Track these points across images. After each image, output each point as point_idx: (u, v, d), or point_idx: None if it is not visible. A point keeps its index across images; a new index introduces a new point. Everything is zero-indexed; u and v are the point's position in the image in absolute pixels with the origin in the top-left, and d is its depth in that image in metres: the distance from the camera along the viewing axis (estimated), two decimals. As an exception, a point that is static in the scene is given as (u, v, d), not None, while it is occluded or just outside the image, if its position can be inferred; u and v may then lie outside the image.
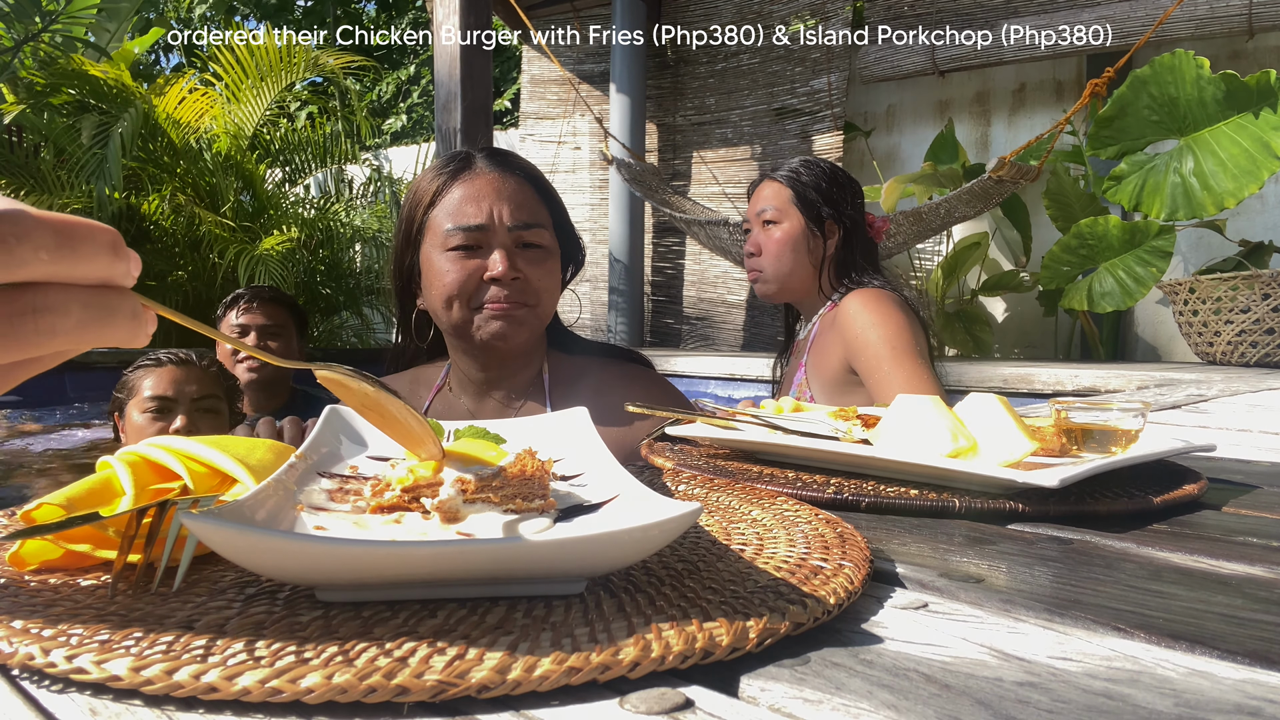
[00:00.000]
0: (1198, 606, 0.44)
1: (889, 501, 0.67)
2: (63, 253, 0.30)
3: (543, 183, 1.24)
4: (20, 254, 0.29)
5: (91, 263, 0.31)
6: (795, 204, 1.76)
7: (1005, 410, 0.73)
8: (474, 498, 0.49)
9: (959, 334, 4.48)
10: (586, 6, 5.53)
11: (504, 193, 1.16)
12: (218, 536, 0.37)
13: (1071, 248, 3.67)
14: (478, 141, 4.22)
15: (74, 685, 0.34)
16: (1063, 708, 0.33)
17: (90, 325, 0.31)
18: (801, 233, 1.75)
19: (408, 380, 1.31)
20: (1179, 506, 0.69)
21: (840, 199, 1.79)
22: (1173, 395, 1.94)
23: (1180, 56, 3.26)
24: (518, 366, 1.24)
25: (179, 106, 4.92)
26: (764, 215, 1.78)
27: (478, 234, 1.14)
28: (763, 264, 1.78)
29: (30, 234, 0.29)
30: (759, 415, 0.90)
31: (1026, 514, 0.65)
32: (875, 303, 1.62)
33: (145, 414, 1.87)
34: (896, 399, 0.80)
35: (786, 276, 1.76)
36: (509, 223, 1.15)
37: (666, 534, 0.40)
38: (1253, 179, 3.11)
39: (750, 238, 1.82)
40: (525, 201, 1.18)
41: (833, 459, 0.78)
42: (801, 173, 1.79)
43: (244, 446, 0.57)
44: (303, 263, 5.14)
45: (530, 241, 1.16)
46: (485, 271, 1.14)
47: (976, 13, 4.54)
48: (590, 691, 0.34)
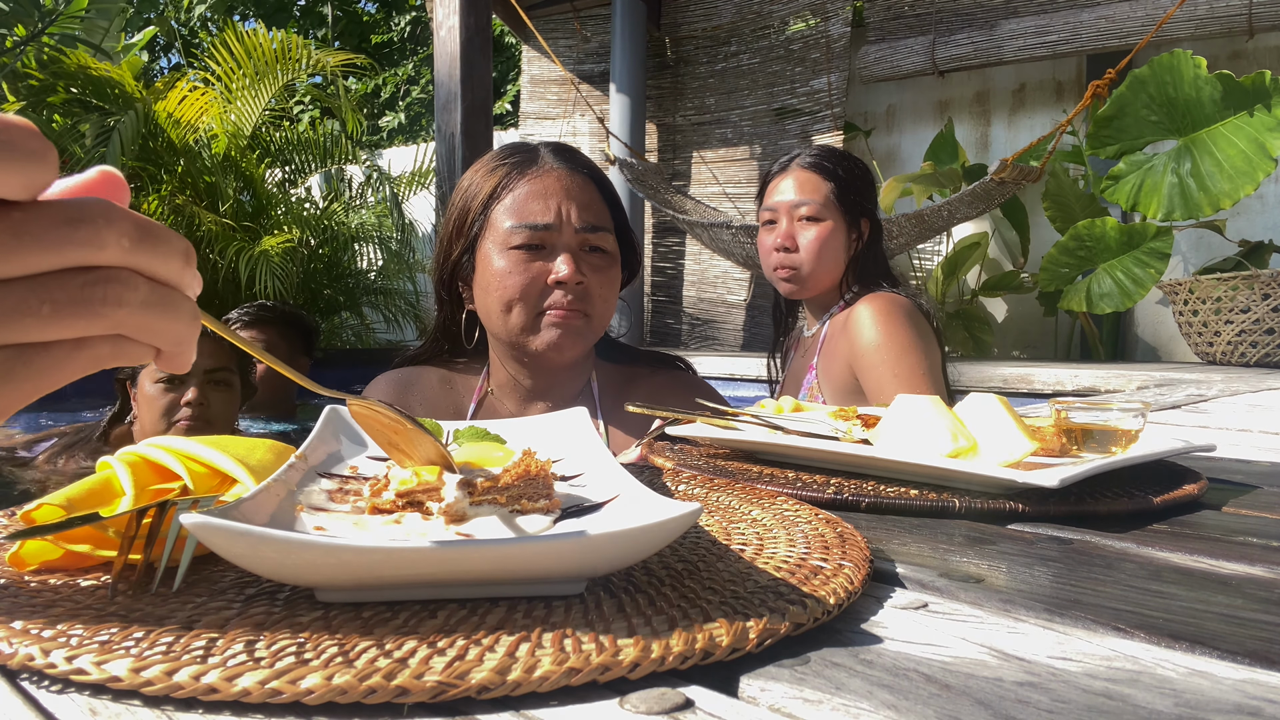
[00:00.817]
0: (1198, 606, 0.44)
1: (889, 501, 0.67)
2: (143, 245, 0.32)
3: (607, 184, 1.18)
4: (106, 236, 0.31)
5: (166, 263, 0.33)
6: (835, 199, 1.67)
7: (1005, 410, 0.73)
8: (480, 500, 0.49)
9: (959, 334, 4.48)
10: (586, 6, 5.53)
11: (572, 191, 1.10)
12: (218, 537, 0.36)
13: (1070, 249, 3.67)
14: (478, 142, 4.22)
15: (74, 685, 0.34)
16: (1063, 708, 0.33)
17: (154, 308, 0.32)
18: (843, 231, 1.67)
19: (436, 379, 1.24)
20: (1179, 506, 0.69)
21: (871, 196, 1.72)
22: (1173, 395, 1.94)
23: (1179, 56, 3.26)
24: (568, 376, 1.19)
25: (179, 106, 4.92)
26: (802, 210, 1.66)
27: (544, 234, 1.08)
28: (800, 261, 1.67)
29: (117, 222, 0.31)
30: (759, 415, 0.89)
31: (1027, 514, 0.65)
32: (888, 311, 1.55)
33: (157, 384, 1.86)
34: (896, 399, 0.80)
35: (822, 276, 1.68)
36: (577, 224, 1.08)
37: (666, 534, 0.40)
38: (1248, 180, 3.12)
39: (781, 230, 1.69)
40: (592, 202, 1.11)
41: (833, 459, 0.78)
42: (838, 166, 1.70)
43: (244, 446, 0.57)
44: (303, 262, 5.14)
45: (596, 245, 1.10)
46: (549, 275, 1.07)
47: (976, 13, 4.54)
48: (590, 692, 0.34)
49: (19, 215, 0.29)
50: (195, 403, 1.85)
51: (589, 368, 1.23)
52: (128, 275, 0.32)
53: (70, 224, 0.30)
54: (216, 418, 1.90)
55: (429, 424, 0.66)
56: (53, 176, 0.30)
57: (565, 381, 1.20)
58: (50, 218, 0.30)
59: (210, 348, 1.91)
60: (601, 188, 1.15)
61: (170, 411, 1.86)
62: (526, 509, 0.49)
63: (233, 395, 1.96)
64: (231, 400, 1.96)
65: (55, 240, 0.30)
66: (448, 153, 4.24)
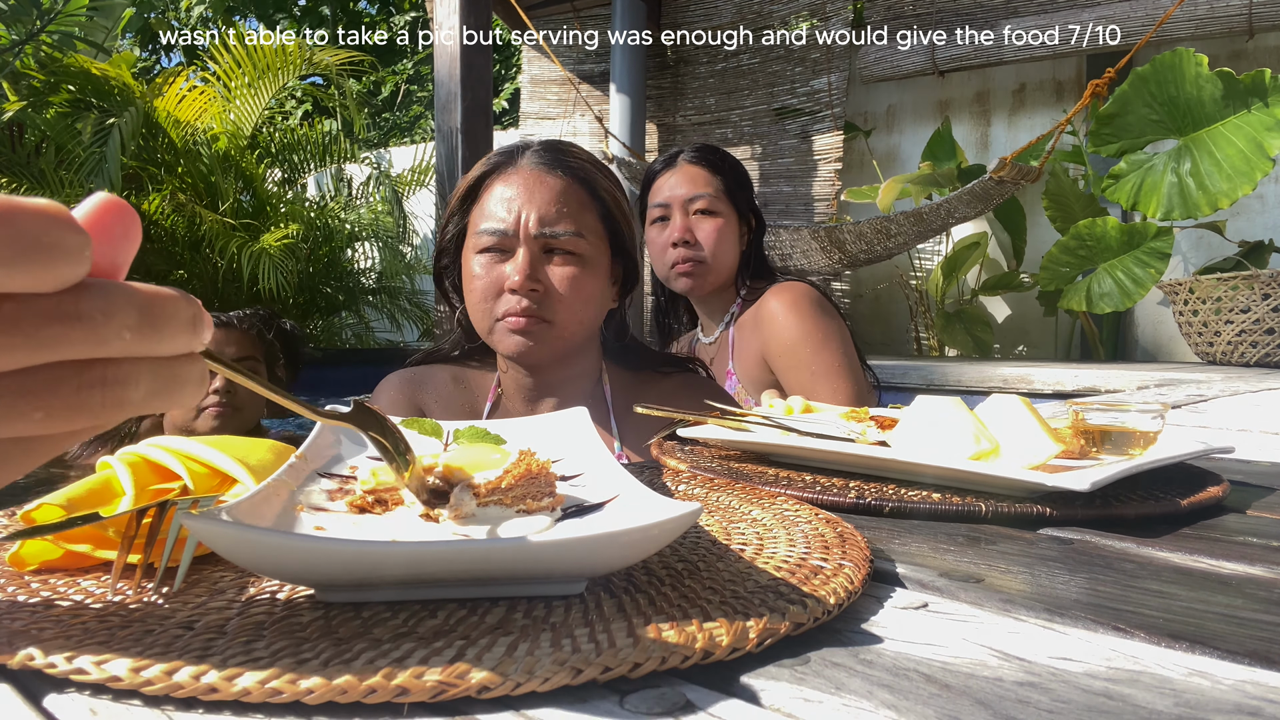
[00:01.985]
0: (1198, 606, 0.44)
1: (913, 506, 0.65)
2: (146, 333, 0.29)
3: (597, 184, 1.13)
4: (104, 333, 0.28)
5: (172, 341, 0.30)
6: (725, 194, 1.67)
7: (1029, 411, 0.71)
8: (486, 501, 0.49)
9: (959, 334, 4.48)
10: (586, 6, 5.53)
11: (538, 194, 1.07)
12: (218, 536, 0.37)
13: (1070, 248, 3.67)
14: (478, 141, 4.22)
15: (74, 685, 0.34)
16: (1063, 708, 0.33)
17: (159, 395, 0.30)
18: (735, 225, 1.67)
19: (449, 377, 1.23)
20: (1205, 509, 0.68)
21: (752, 191, 1.73)
22: (1173, 395, 1.94)
23: (1181, 54, 3.26)
24: (569, 376, 1.18)
25: (179, 105, 4.92)
26: (697, 204, 1.65)
27: (503, 238, 1.07)
28: (702, 254, 1.65)
29: (117, 312, 0.28)
30: (769, 416, 0.89)
31: (1055, 518, 0.63)
32: (797, 304, 1.55)
33: None
34: (916, 399, 0.78)
35: (722, 270, 1.66)
36: (534, 228, 1.06)
37: (666, 534, 0.40)
38: (1246, 180, 3.12)
39: (676, 224, 1.67)
40: (565, 204, 1.08)
41: (851, 461, 0.76)
42: (723, 161, 1.70)
43: (244, 446, 0.57)
44: (302, 261, 5.14)
45: (561, 248, 1.08)
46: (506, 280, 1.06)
47: (976, 13, 4.54)
48: (590, 692, 0.34)
49: (9, 308, 0.27)
50: (222, 391, 1.83)
51: (596, 370, 1.22)
52: (129, 370, 0.29)
53: (66, 321, 0.27)
54: (244, 405, 1.88)
55: (429, 425, 0.66)
56: (85, 270, 0.28)
57: (572, 382, 1.19)
58: (44, 313, 0.27)
59: (236, 337, 1.89)
60: (590, 188, 1.12)
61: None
62: (531, 509, 0.49)
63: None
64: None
65: (49, 339, 0.27)
66: (448, 153, 4.24)
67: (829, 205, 4.73)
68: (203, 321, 0.31)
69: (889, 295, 5.06)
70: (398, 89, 9.86)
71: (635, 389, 1.22)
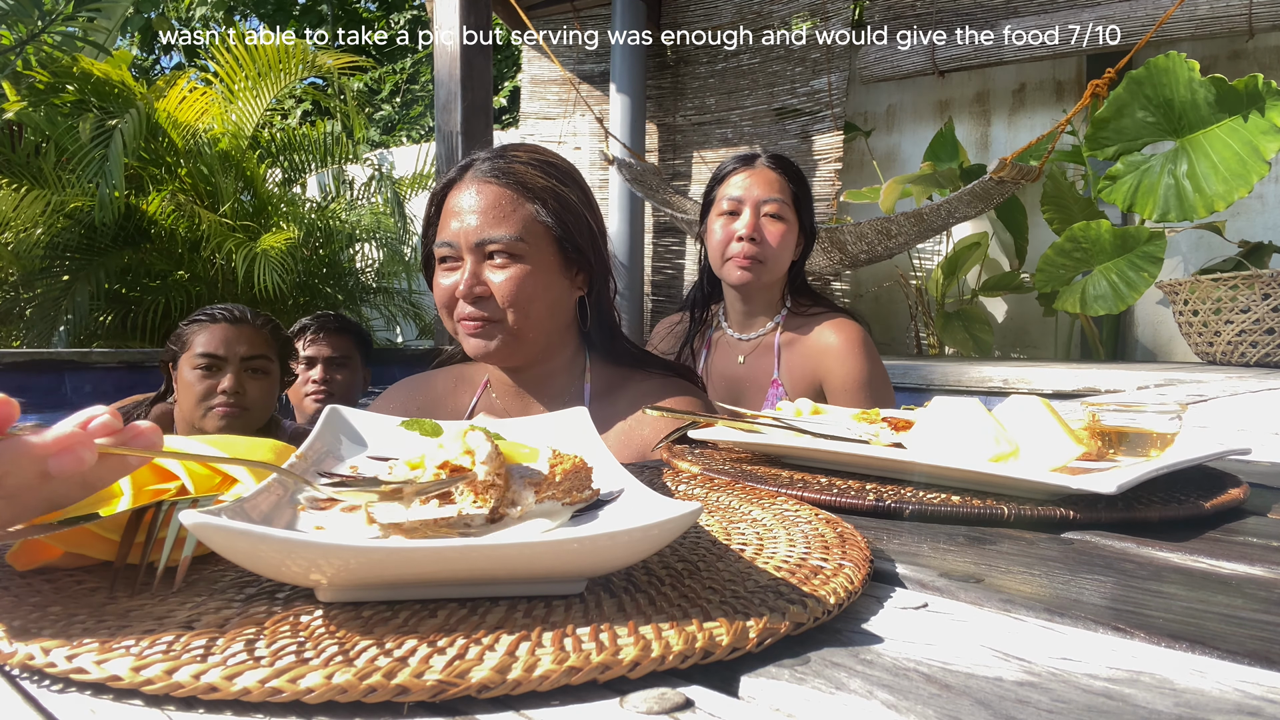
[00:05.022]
0: (1198, 606, 0.44)
1: (934, 509, 0.64)
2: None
3: (533, 185, 1.16)
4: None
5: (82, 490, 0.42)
6: (794, 203, 1.73)
7: (1050, 413, 0.70)
8: (544, 496, 0.49)
9: (959, 334, 4.48)
10: (586, 6, 5.53)
11: (476, 206, 1.13)
12: (218, 536, 0.36)
13: (1066, 250, 3.67)
14: (478, 141, 4.22)
15: (74, 685, 0.34)
16: (1063, 708, 0.33)
17: (96, 487, 0.41)
18: (794, 236, 1.73)
19: (451, 379, 1.32)
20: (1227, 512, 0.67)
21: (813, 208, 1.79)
22: (1173, 395, 1.94)
23: (1173, 59, 3.26)
24: (547, 371, 1.22)
25: (180, 106, 4.92)
26: (769, 207, 1.70)
27: (450, 249, 1.14)
28: (765, 254, 1.70)
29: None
30: (780, 418, 0.88)
31: (1078, 521, 0.62)
32: (862, 344, 1.65)
33: (195, 370, 1.81)
34: (934, 399, 0.77)
35: (777, 273, 1.72)
36: (473, 239, 1.12)
37: (666, 534, 0.40)
38: (1242, 182, 3.12)
39: (746, 220, 1.71)
40: (499, 209, 1.13)
41: (868, 464, 0.75)
42: (796, 173, 1.76)
43: (244, 447, 0.57)
44: (303, 261, 5.14)
45: (500, 251, 1.13)
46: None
47: (976, 13, 4.53)
48: (590, 691, 0.34)
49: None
50: (232, 390, 1.79)
51: (580, 367, 1.26)
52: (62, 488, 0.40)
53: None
54: (254, 405, 1.84)
55: (429, 425, 0.66)
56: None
57: (553, 376, 1.23)
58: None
59: (249, 334, 1.85)
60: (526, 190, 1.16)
61: (207, 398, 1.80)
62: (577, 500, 0.50)
63: (270, 384, 1.90)
64: (269, 389, 1.89)
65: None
66: (448, 153, 4.24)
67: (829, 205, 4.73)
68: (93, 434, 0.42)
69: (889, 295, 5.06)
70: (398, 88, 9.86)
71: (615, 389, 1.24)
